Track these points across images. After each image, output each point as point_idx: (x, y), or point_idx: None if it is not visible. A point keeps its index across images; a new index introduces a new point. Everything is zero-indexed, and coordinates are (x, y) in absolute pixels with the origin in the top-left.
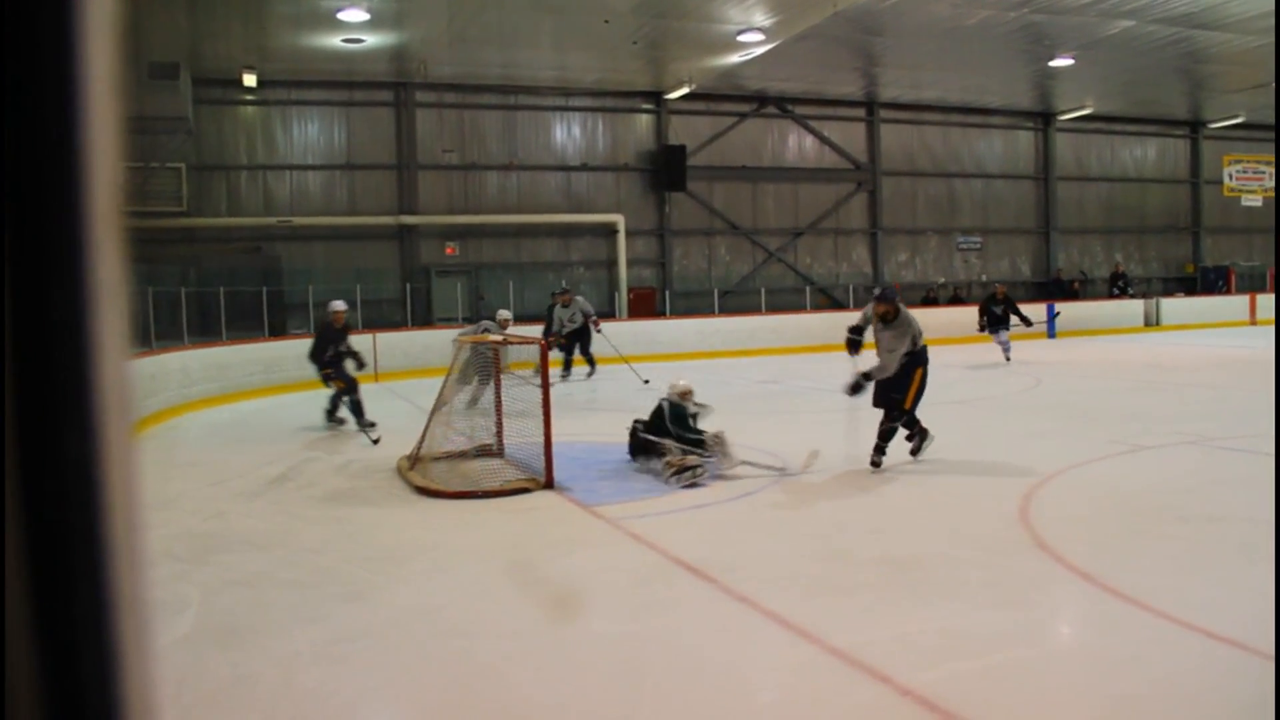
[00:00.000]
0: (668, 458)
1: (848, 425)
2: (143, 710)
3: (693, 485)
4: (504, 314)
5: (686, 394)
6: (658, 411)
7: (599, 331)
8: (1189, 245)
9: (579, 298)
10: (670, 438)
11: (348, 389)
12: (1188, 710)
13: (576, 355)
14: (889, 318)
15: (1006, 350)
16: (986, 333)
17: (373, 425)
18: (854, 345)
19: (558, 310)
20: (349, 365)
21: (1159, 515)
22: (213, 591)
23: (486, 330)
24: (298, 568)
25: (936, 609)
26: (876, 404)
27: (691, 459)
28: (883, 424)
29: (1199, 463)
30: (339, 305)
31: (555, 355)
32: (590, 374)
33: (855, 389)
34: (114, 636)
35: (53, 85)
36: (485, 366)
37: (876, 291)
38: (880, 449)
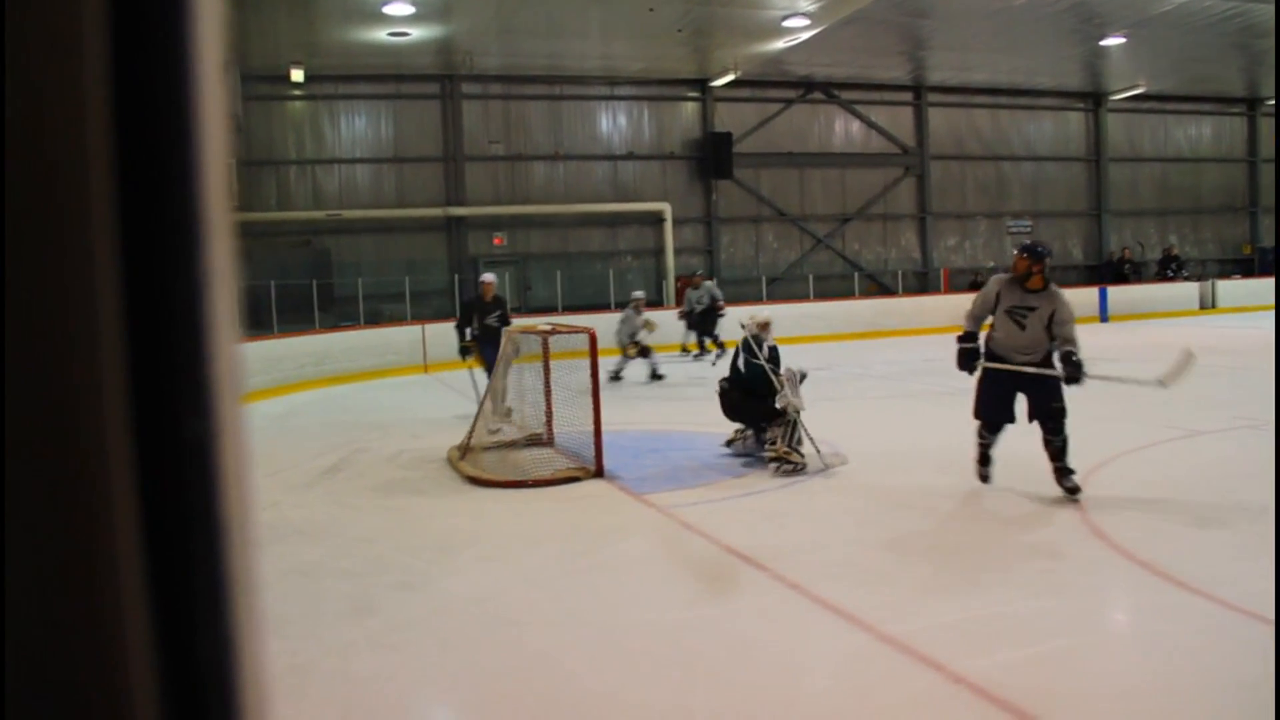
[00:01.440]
0: (770, 440)
1: (900, 411)
2: (257, 690)
3: (791, 472)
4: (637, 294)
5: (765, 325)
6: (737, 351)
7: (722, 315)
8: (1246, 225)
9: (708, 281)
10: (753, 375)
11: (487, 368)
12: (1246, 700)
13: (686, 340)
14: (1035, 288)
15: None
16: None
17: (510, 412)
18: (970, 357)
19: (689, 292)
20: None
21: (1217, 502)
22: (268, 581)
23: (628, 317)
24: (350, 557)
25: (989, 597)
26: (993, 419)
27: (795, 456)
28: (1045, 434)
29: (1257, 448)
30: (489, 277)
31: (692, 338)
32: (709, 356)
33: (968, 361)
34: (231, 618)
35: (173, 73)
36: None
37: (1030, 245)
38: (1066, 472)
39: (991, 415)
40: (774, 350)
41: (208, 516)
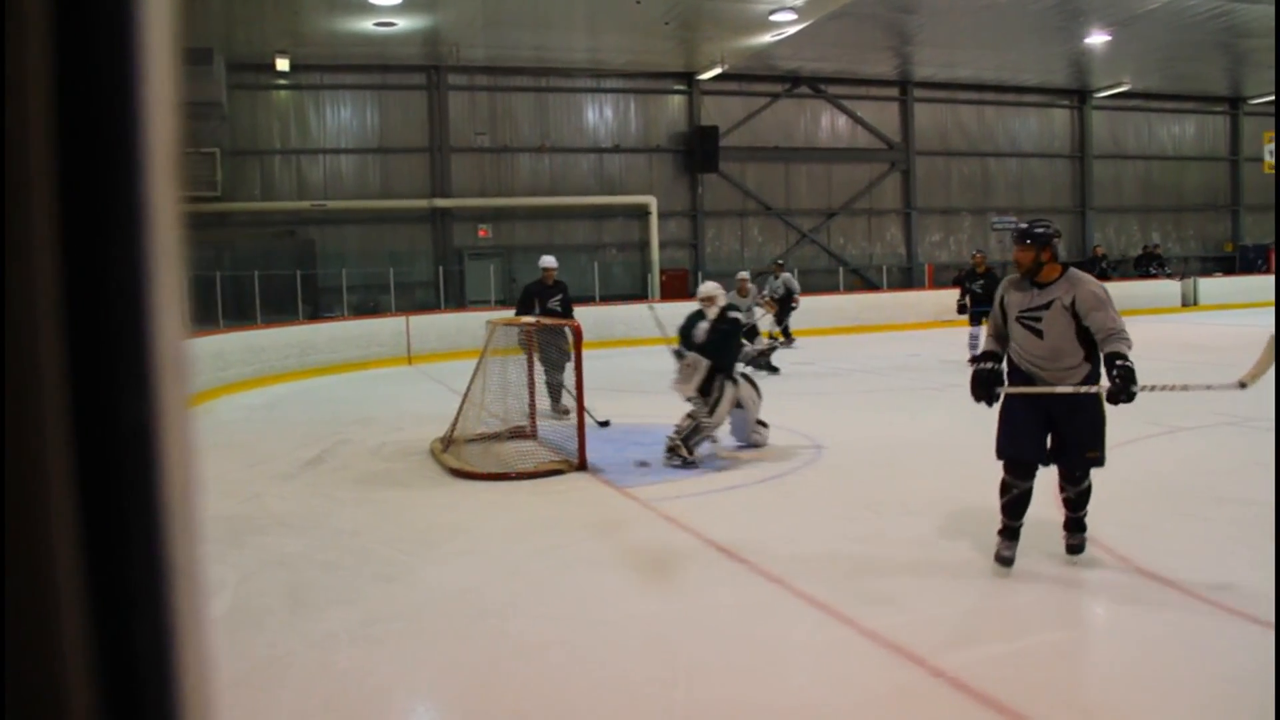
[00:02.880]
0: (679, 427)
1: (883, 406)
2: (199, 681)
3: (688, 464)
4: (742, 274)
5: (707, 299)
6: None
7: (794, 307)
8: (1228, 224)
9: (786, 273)
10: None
11: (546, 360)
12: (1222, 693)
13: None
14: (1047, 279)
15: (974, 346)
16: (964, 317)
17: (567, 412)
18: (986, 383)
19: (770, 281)
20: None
21: (1196, 497)
22: (248, 573)
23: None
24: (332, 549)
25: (970, 591)
26: (1021, 456)
27: (684, 450)
28: (1065, 488)
29: (1238, 444)
30: (550, 260)
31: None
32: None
33: (984, 388)
34: (171, 608)
35: (117, 56)
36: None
37: (1022, 227)
38: (1078, 526)
39: (1016, 450)
40: (720, 326)
41: (148, 504)
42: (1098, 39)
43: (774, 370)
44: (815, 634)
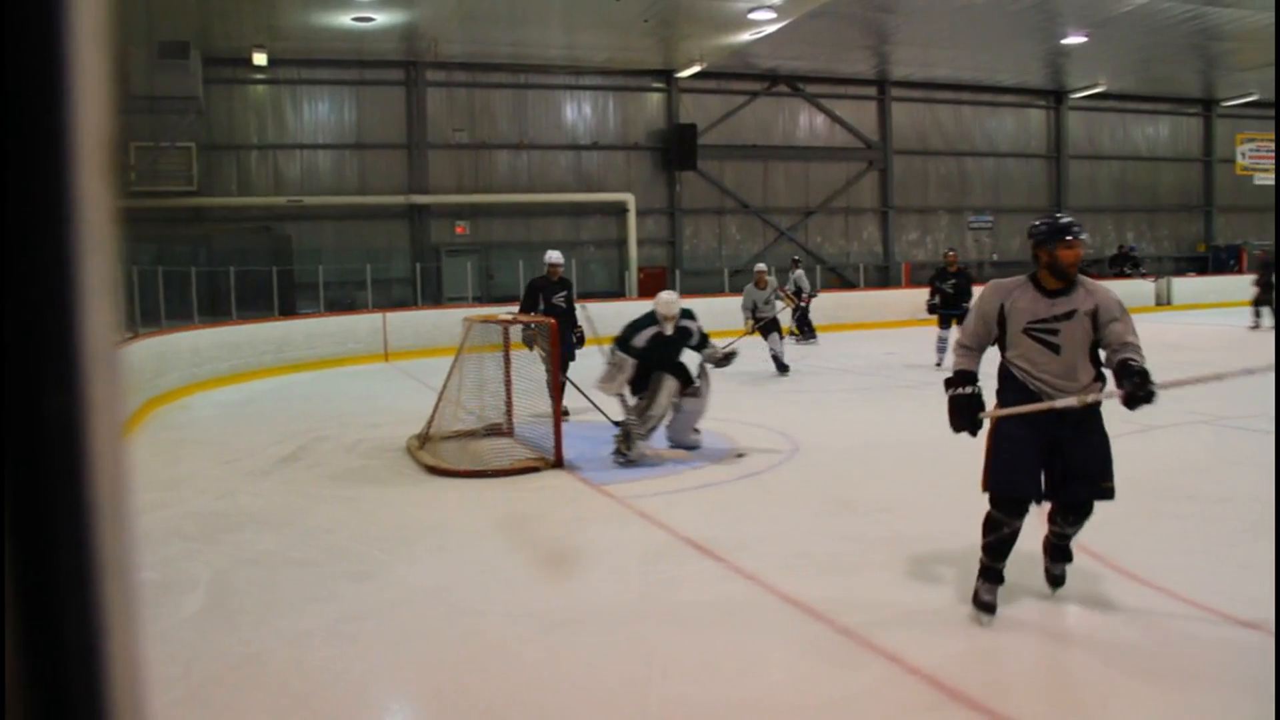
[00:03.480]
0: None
1: (859, 404)
2: (129, 676)
3: (629, 463)
4: (760, 266)
5: (668, 318)
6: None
7: (804, 305)
8: (1201, 224)
9: (799, 270)
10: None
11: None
12: (1195, 688)
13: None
14: (1062, 287)
15: (942, 349)
16: (934, 316)
17: (567, 414)
18: (968, 409)
19: (791, 275)
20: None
21: (1169, 495)
22: (222, 570)
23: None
24: (308, 547)
25: (946, 589)
26: (1018, 491)
27: (623, 447)
28: (1060, 524)
29: (1211, 442)
30: (556, 256)
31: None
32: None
33: (967, 417)
34: (99, 601)
35: (44, 45)
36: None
37: (1045, 224)
38: (1063, 554)
39: (1013, 485)
40: (665, 336)
41: (75, 499)
42: (1074, 40)
43: (784, 369)
44: (790, 631)
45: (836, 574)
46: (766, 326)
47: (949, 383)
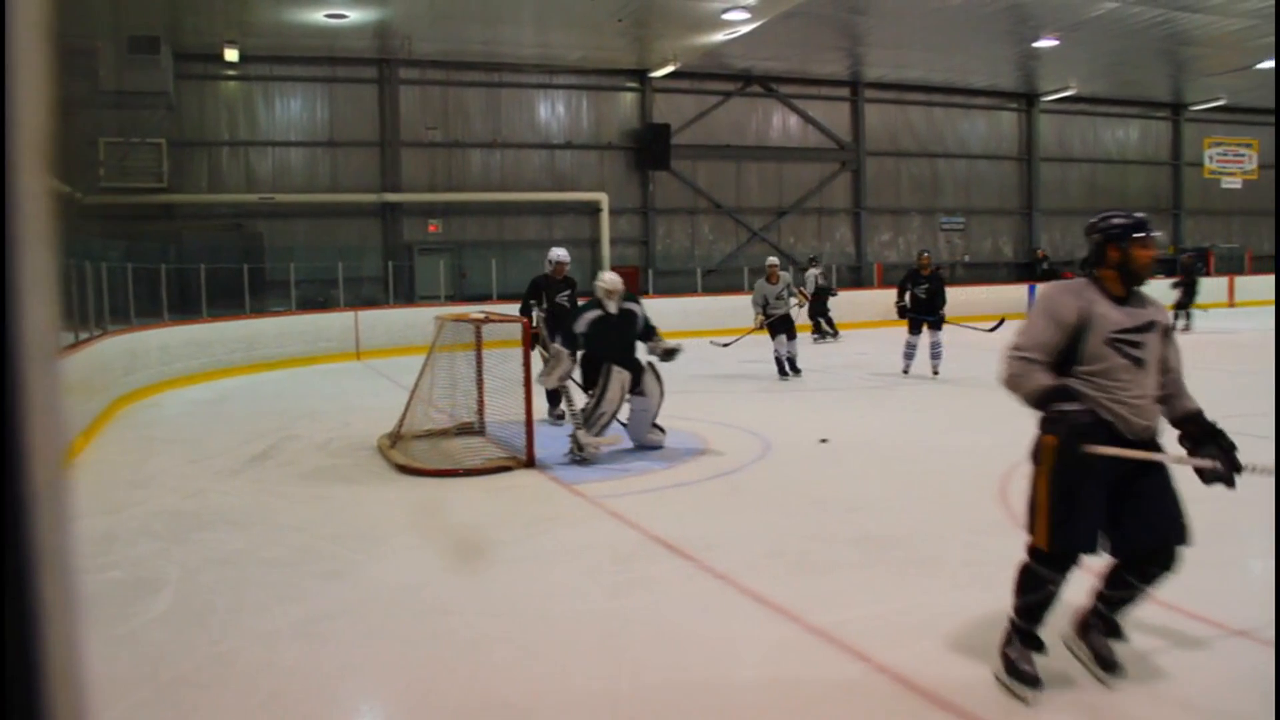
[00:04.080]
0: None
1: (831, 405)
2: (69, 673)
3: (584, 461)
4: (772, 260)
5: (609, 290)
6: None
7: (799, 305)
8: (1170, 227)
9: (816, 270)
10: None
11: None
12: (1157, 686)
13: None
14: (1135, 288)
15: (936, 357)
16: (904, 319)
17: (568, 416)
18: (1078, 433)
19: (808, 273)
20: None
21: None
22: (192, 569)
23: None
24: (278, 546)
25: (914, 588)
26: (1083, 546)
27: (575, 447)
28: (1137, 580)
29: (1172, 443)
30: (560, 254)
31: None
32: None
33: (1073, 442)
34: (37, 594)
35: None
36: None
37: (1119, 218)
38: (1116, 629)
39: (1077, 539)
40: (611, 319)
41: (13, 493)
42: (1045, 43)
43: (796, 372)
44: (761, 631)
45: (807, 573)
46: (777, 325)
47: (1047, 397)
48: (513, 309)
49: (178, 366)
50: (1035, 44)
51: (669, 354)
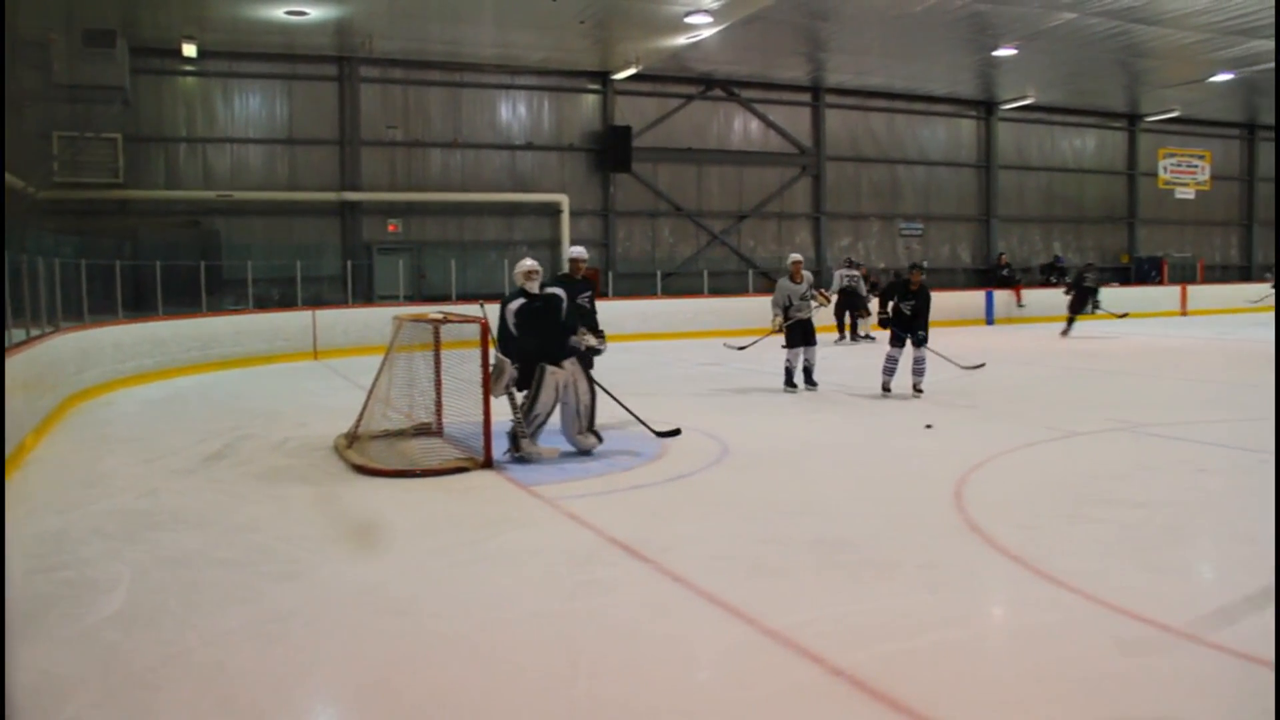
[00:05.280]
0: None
1: (790, 409)
2: None
3: (523, 459)
4: (796, 257)
5: (528, 274)
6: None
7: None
8: (1125, 235)
9: (853, 270)
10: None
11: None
12: (1109, 689)
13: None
14: None
15: (919, 373)
16: (885, 328)
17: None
18: None
19: (839, 272)
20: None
21: (1089, 500)
22: (144, 570)
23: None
24: (232, 546)
25: (870, 591)
26: None
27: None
28: None
29: (1130, 449)
30: (579, 251)
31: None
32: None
33: None
34: None
35: None
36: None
37: None
38: None
39: None
40: (533, 305)
41: None
42: (1004, 52)
43: (813, 384)
44: (716, 633)
45: (763, 576)
46: (796, 330)
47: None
48: (472, 310)
49: (132, 364)
50: (994, 53)
51: (592, 351)
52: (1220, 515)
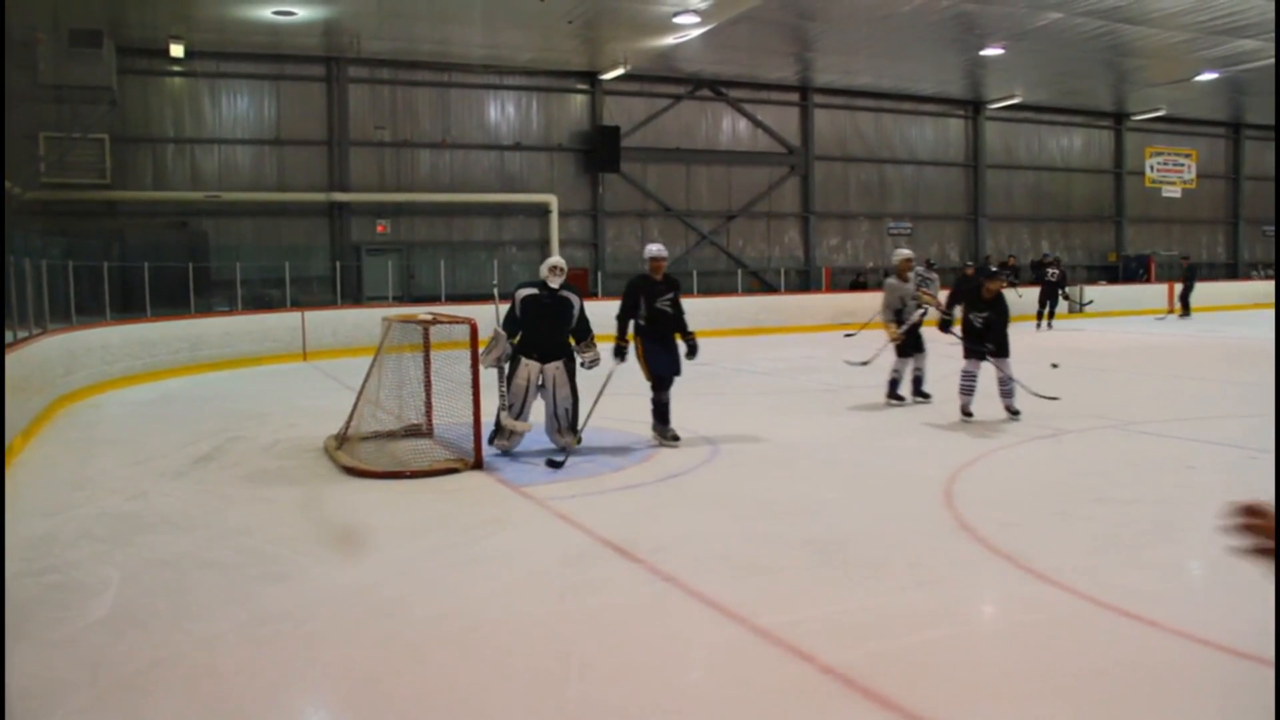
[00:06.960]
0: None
1: (779, 408)
2: None
3: (504, 453)
4: (904, 252)
5: (554, 269)
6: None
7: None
8: (1112, 234)
9: (927, 271)
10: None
11: (655, 377)
12: (1098, 686)
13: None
14: None
15: (1008, 394)
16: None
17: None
18: None
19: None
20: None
21: (1078, 497)
22: (134, 573)
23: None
24: (222, 548)
25: (860, 590)
26: None
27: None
28: None
29: (1118, 446)
30: (658, 250)
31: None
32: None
33: None
34: None
35: None
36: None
37: None
38: None
39: None
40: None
41: None
42: (991, 52)
43: (925, 396)
44: (707, 632)
45: (753, 575)
46: (908, 337)
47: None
48: (461, 310)
49: (120, 366)
50: (982, 52)
51: (593, 364)
52: (1210, 512)
